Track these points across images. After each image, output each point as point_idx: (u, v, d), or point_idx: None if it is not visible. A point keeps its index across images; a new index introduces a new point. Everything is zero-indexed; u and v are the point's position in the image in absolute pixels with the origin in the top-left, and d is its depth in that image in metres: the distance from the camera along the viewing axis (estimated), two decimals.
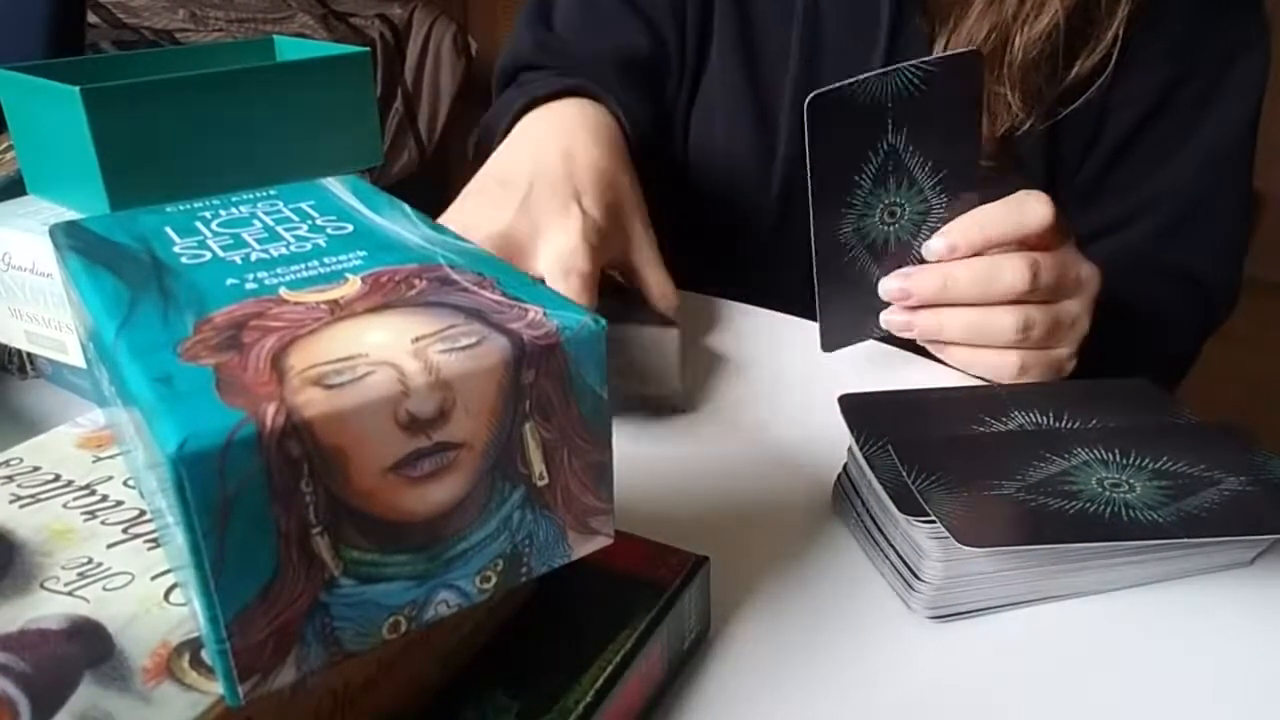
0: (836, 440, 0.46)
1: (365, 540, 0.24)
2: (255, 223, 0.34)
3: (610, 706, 0.30)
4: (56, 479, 0.32)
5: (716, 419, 0.53)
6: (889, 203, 0.53)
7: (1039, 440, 0.43)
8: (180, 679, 0.24)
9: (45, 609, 0.26)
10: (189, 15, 2.29)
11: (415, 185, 2.34)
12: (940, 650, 0.38)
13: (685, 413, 0.53)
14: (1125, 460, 0.42)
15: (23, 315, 0.49)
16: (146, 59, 0.55)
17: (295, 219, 0.34)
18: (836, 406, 0.45)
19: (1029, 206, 0.52)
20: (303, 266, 0.30)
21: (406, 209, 0.36)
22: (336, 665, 0.25)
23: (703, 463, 0.49)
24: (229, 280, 0.29)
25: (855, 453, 0.43)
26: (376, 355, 0.25)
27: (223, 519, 0.22)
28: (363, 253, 0.31)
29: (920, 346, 0.57)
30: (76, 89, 0.45)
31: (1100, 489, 0.39)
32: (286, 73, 0.54)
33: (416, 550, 0.25)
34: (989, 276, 0.52)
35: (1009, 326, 0.52)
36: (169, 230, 0.33)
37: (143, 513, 0.30)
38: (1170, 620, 0.39)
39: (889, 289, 0.54)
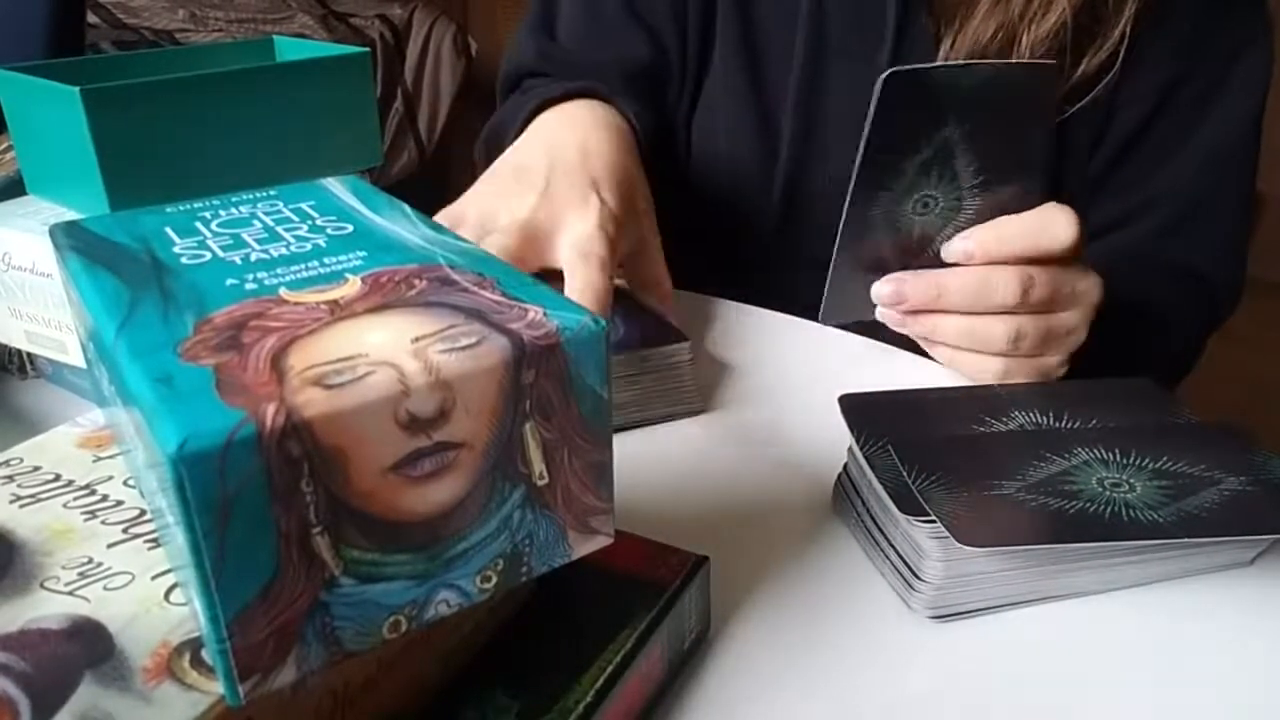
0: (836, 440, 0.46)
1: (365, 540, 0.24)
2: (255, 223, 0.34)
3: (610, 706, 0.30)
4: (57, 479, 0.32)
5: (717, 419, 0.53)
6: (925, 194, 0.52)
7: (1039, 440, 0.43)
8: (181, 679, 0.24)
9: (45, 609, 0.26)
10: (189, 15, 2.29)
11: (415, 185, 2.34)
12: (940, 650, 0.38)
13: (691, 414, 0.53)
14: (1125, 460, 0.42)
15: (23, 315, 0.49)
16: (146, 59, 0.55)
17: (295, 219, 0.34)
18: (837, 407, 0.45)
19: (1055, 228, 0.51)
20: (303, 267, 0.30)
21: (406, 209, 0.36)
22: (337, 665, 0.25)
23: (703, 463, 0.49)
24: (229, 280, 0.29)
25: (855, 453, 0.43)
26: (376, 355, 0.25)
27: (223, 519, 0.22)
28: (363, 253, 0.31)
29: (919, 345, 0.57)
30: (76, 89, 0.45)
31: (1100, 489, 0.39)
32: (286, 73, 0.54)
33: (417, 550, 0.25)
34: (979, 290, 0.52)
35: (1000, 336, 0.52)
36: (169, 230, 0.33)
37: (143, 513, 0.30)
38: (1170, 620, 0.39)
39: (882, 293, 0.54)
